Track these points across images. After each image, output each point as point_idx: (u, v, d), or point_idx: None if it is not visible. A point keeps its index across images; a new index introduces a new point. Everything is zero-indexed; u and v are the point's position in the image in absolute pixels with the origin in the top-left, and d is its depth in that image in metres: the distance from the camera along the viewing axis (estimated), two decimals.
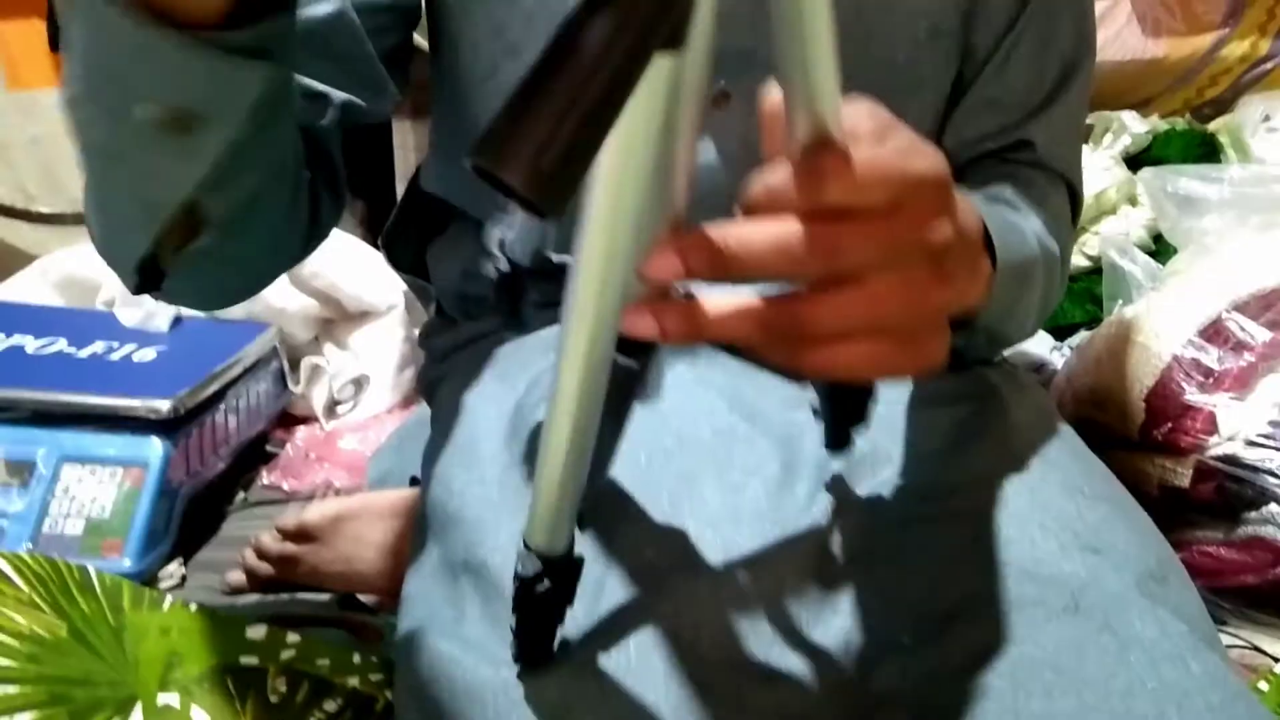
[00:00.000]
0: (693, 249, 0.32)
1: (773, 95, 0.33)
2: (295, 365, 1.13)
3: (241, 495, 0.97)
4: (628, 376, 0.39)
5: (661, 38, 0.24)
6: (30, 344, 0.96)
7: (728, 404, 0.57)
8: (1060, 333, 1.11)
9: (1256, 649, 0.72)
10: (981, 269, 0.41)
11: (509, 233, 0.65)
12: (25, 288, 1.13)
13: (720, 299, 0.34)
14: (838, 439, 0.47)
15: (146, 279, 0.49)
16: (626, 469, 0.51)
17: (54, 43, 1.12)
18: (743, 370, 0.60)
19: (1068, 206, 0.64)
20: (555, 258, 0.63)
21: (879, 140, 0.34)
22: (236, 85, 0.39)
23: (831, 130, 0.31)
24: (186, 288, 0.53)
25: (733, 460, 0.52)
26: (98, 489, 0.83)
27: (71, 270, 1.13)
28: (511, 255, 0.65)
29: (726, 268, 0.32)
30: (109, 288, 1.11)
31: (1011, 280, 0.49)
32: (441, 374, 0.75)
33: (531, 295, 0.66)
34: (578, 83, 0.22)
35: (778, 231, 0.32)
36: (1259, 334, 0.76)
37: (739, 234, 0.32)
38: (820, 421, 0.48)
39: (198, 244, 0.46)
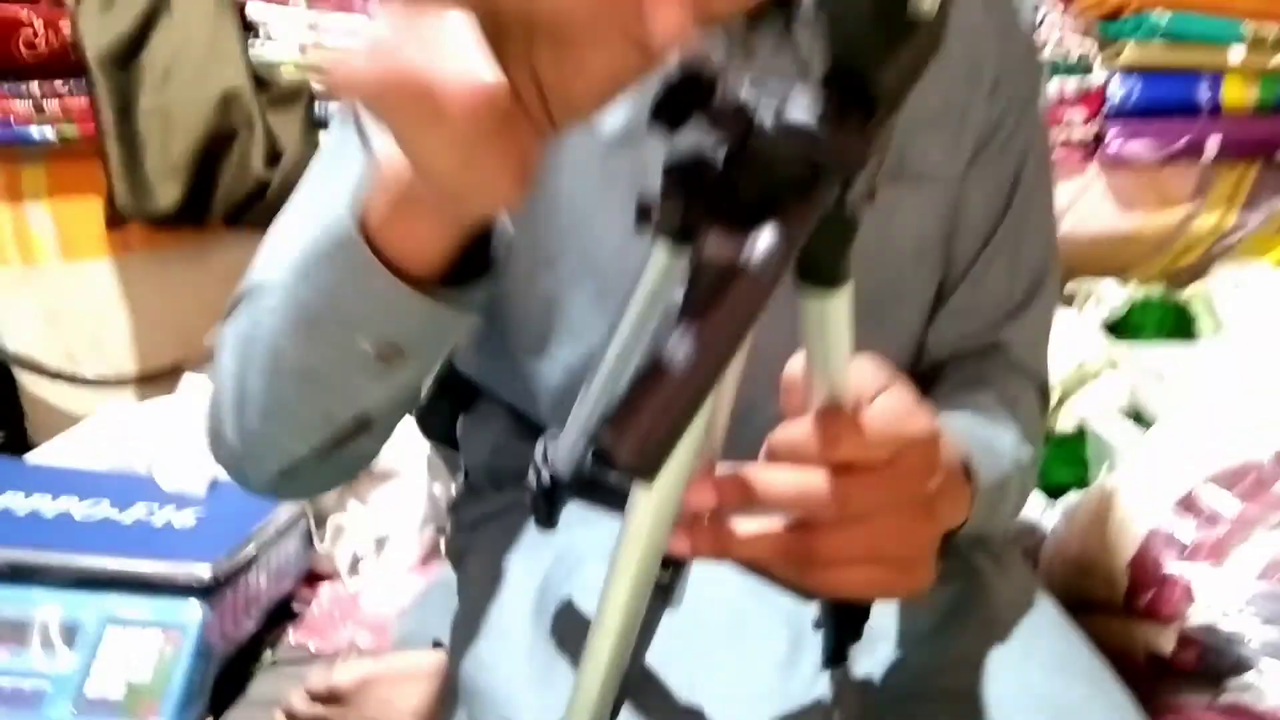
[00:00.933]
0: (727, 486, 0.39)
1: (794, 365, 0.41)
2: (320, 523, 1.18)
3: (269, 654, 1.01)
4: (660, 587, 0.45)
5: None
6: (77, 508, 1.01)
7: (738, 584, 0.62)
8: (1051, 493, 1.17)
9: None
10: (962, 500, 0.48)
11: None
12: (69, 449, 1.19)
13: (746, 525, 0.41)
14: (836, 656, 0.52)
15: (285, 479, 0.54)
16: (656, 644, 0.56)
17: (112, 221, 1.23)
18: None
19: (1037, 405, 0.71)
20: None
21: (882, 397, 0.41)
22: (450, 330, 0.47)
23: (843, 397, 0.38)
24: (311, 484, 0.59)
25: (744, 640, 0.58)
26: (138, 652, 0.87)
27: (113, 433, 1.20)
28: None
29: (753, 503, 0.39)
30: (146, 449, 1.17)
31: (989, 498, 0.55)
32: (469, 544, 0.80)
33: (569, 504, 0.72)
34: (691, 383, 0.28)
35: (798, 480, 0.40)
36: (1231, 506, 0.82)
37: (766, 478, 0.40)
38: (820, 632, 0.54)
39: (354, 447, 0.52)
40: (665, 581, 0.46)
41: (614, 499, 0.49)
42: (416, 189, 0.40)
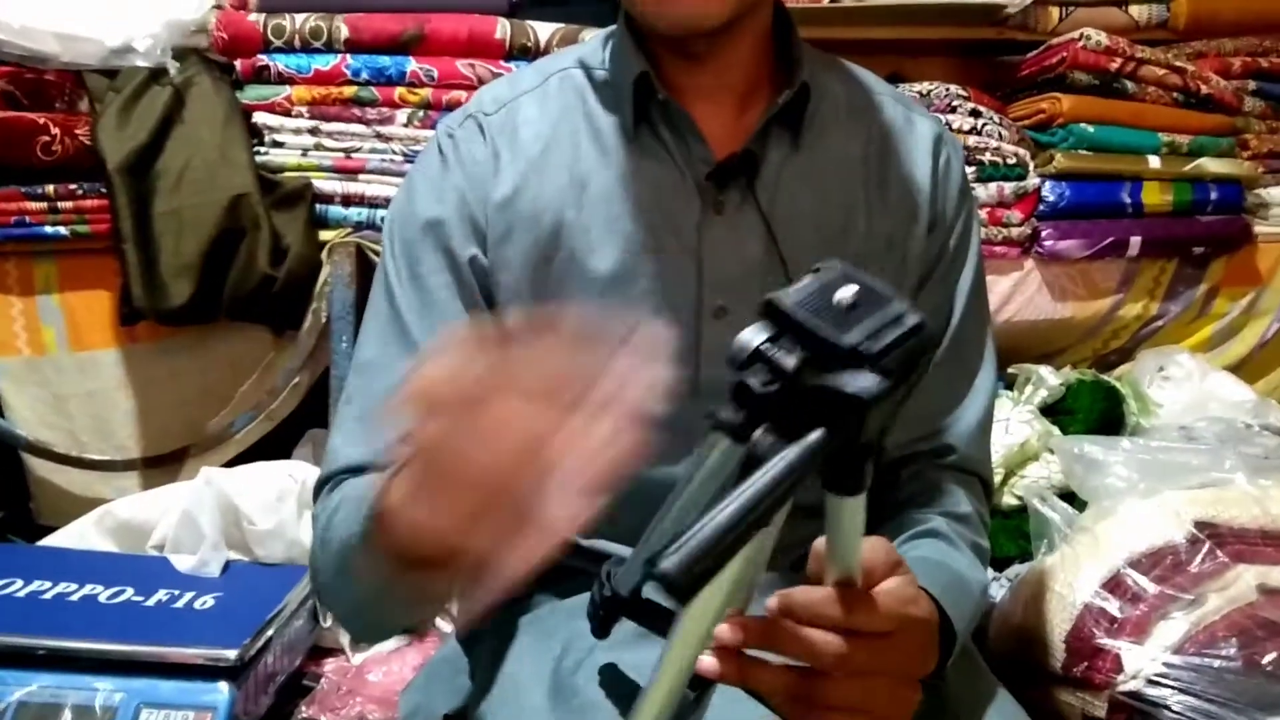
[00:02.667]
0: (754, 626, 0.50)
1: (818, 545, 0.52)
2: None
3: None
4: (686, 704, 0.55)
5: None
6: (102, 593, 1.08)
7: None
8: (997, 564, 1.29)
9: None
10: (933, 657, 0.60)
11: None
12: (82, 533, 1.26)
13: (768, 662, 0.52)
14: None
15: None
16: None
17: (126, 319, 1.32)
18: None
19: (984, 507, 0.83)
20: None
21: (892, 580, 0.53)
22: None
23: (854, 576, 0.49)
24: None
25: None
26: None
27: (125, 517, 1.27)
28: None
29: (772, 647, 0.50)
30: (159, 533, 1.24)
31: (964, 630, 0.67)
32: (482, 629, 0.89)
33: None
34: (733, 530, 0.39)
35: (815, 638, 0.51)
36: (1150, 587, 0.94)
37: (788, 631, 0.50)
38: None
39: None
40: (690, 699, 0.55)
41: (661, 622, 0.60)
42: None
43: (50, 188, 1.36)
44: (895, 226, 0.82)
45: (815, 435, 0.40)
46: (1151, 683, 0.89)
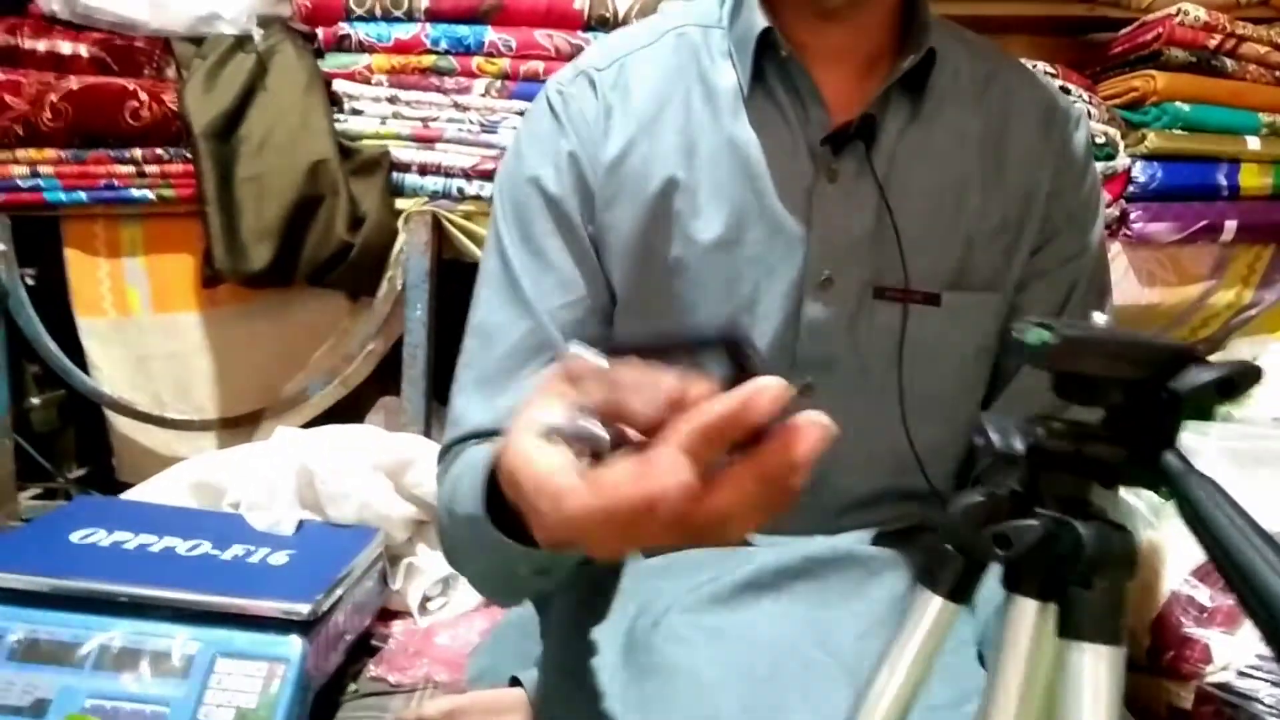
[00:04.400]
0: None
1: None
2: (393, 563, 1.27)
3: (353, 687, 1.10)
4: None
5: None
6: (180, 546, 1.11)
7: (810, 636, 0.71)
8: None
9: None
10: None
11: None
12: (162, 489, 1.29)
13: None
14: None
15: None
16: (735, 694, 0.65)
17: (208, 281, 1.34)
18: (820, 603, 0.74)
19: None
20: None
21: None
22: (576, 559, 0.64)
23: None
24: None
25: (815, 689, 0.66)
26: (246, 681, 0.96)
27: (202, 476, 1.29)
28: None
29: None
30: (234, 492, 1.27)
31: None
32: (554, 590, 0.89)
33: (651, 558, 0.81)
34: None
35: None
36: None
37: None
38: None
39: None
40: None
41: None
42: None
43: (137, 152, 1.40)
44: (1010, 206, 0.80)
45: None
46: (1243, 675, 0.85)
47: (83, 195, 1.41)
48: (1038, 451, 0.44)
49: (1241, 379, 0.40)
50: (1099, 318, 0.44)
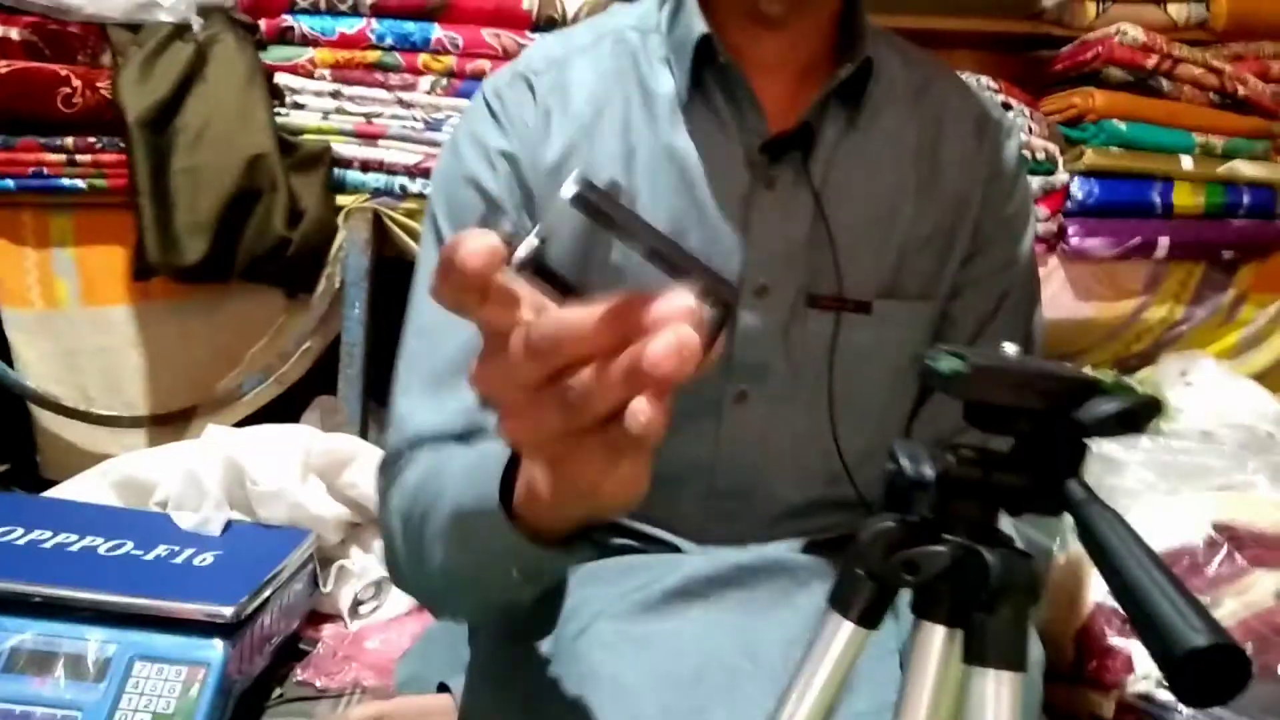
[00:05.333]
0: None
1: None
2: (324, 565, 1.25)
3: (278, 691, 1.08)
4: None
5: None
6: (102, 545, 1.08)
7: (736, 644, 0.70)
8: None
9: None
10: None
11: None
12: (86, 487, 1.25)
13: None
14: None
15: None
16: (656, 698, 0.64)
17: (139, 274, 1.31)
18: (749, 612, 0.74)
19: None
20: None
21: None
22: (569, 564, 0.59)
23: None
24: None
25: (738, 695, 0.66)
26: (163, 686, 0.93)
27: (129, 473, 1.26)
28: None
29: None
30: (162, 490, 1.24)
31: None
32: None
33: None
34: None
35: None
36: None
37: None
38: None
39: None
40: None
41: None
42: (560, 505, 0.48)
43: (69, 140, 1.36)
44: (943, 214, 0.80)
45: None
46: (1162, 685, 0.87)
47: (10, 183, 1.37)
48: (947, 479, 0.45)
49: (1143, 411, 0.41)
50: (1009, 348, 0.45)
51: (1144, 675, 0.88)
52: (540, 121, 0.78)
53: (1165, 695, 0.86)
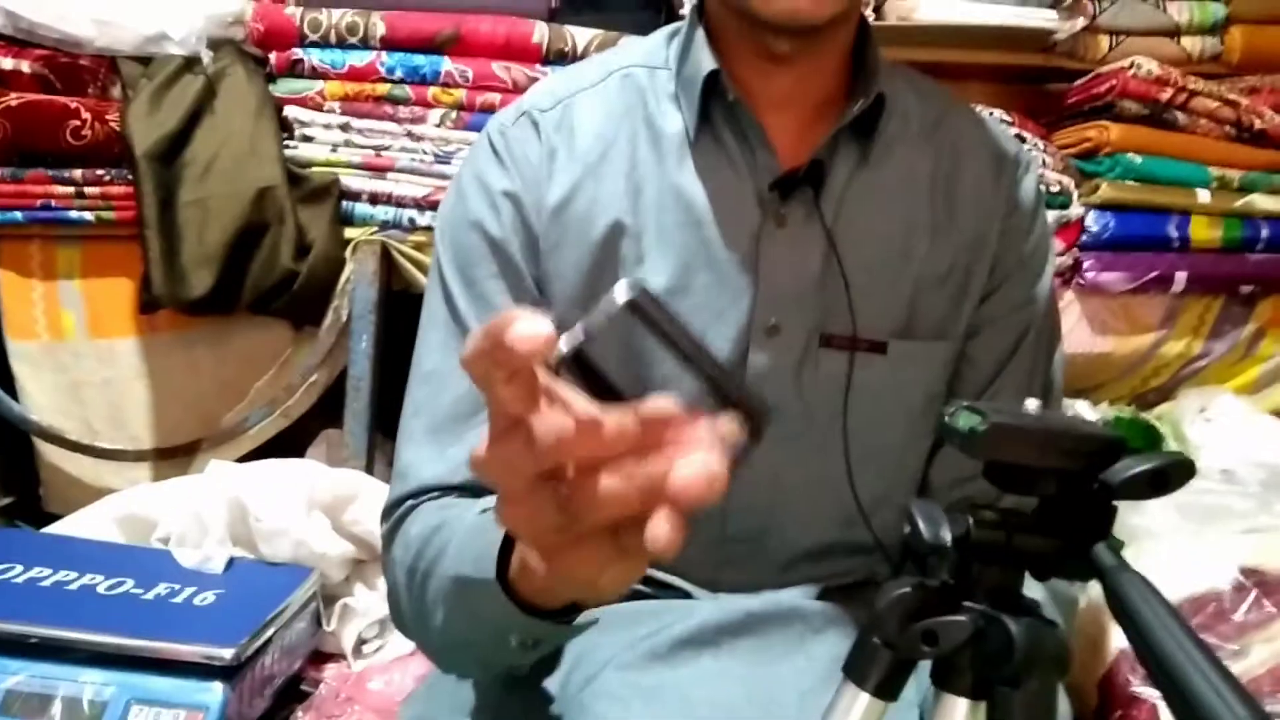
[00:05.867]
0: None
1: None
2: (328, 603, 1.22)
3: None
4: None
5: None
6: (101, 584, 1.06)
7: (747, 695, 0.68)
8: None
9: None
10: None
11: None
12: (88, 522, 1.23)
13: None
14: None
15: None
16: None
17: (145, 307, 1.30)
18: (760, 661, 0.71)
19: None
20: None
21: None
22: (569, 637, 0.60)
23: None
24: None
25: None
26: None
27: (132, 509, 1.24)
28: None
29: None
30: (164, 526, 1.22)
31: None
32: None
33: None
34: None
35: None
36: None
37: None
38: None
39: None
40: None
41: None
42: (553, 590, 0.50)
43: (78, 173, 1.35)
44: (959, 253, 0.78)
45: None
46: None
47: (18, 215, 1.36)
48: (967, 542, 0.42)
49: (1174, 471, 0.39)
50: (1031, 404, 0.43)
51: None
52: (545, 160, 0.77)
53: None
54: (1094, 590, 1.02)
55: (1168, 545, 0.99)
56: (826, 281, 0.75)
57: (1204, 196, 1.50)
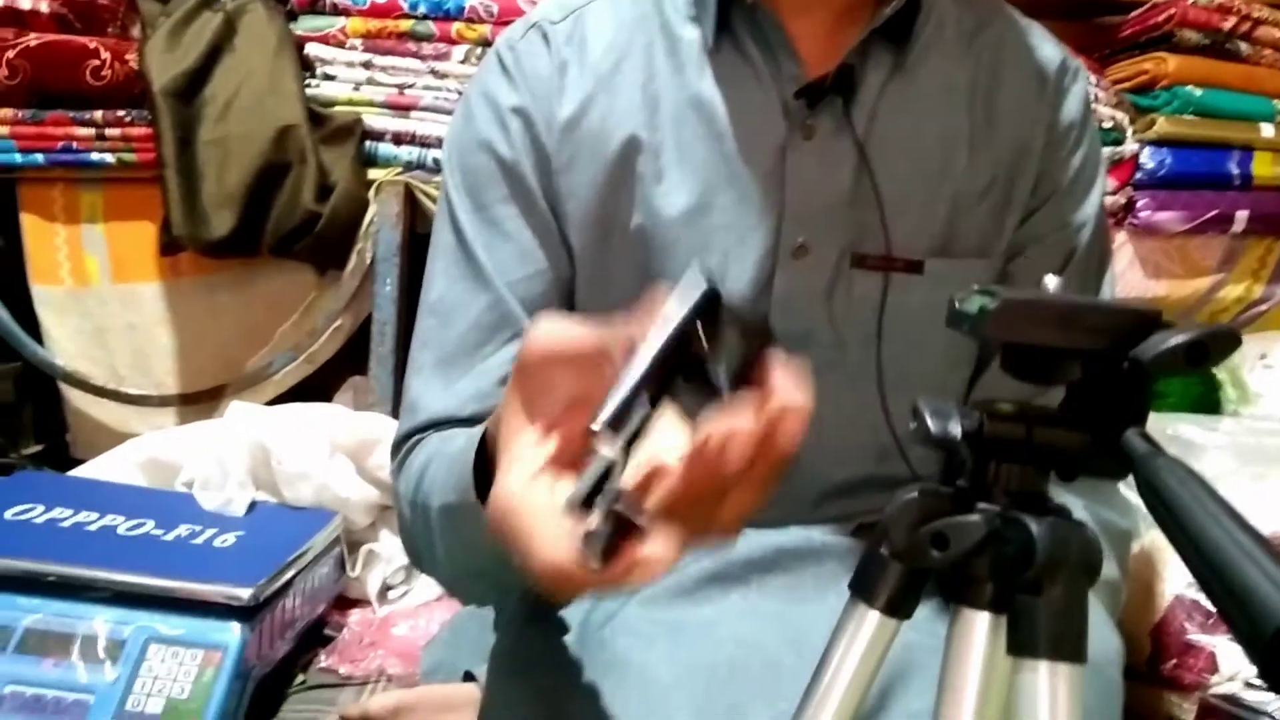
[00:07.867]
0: None
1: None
2: (352, 549, 1.20)
3: (301, 678, 1.03)
4: None
5: None
6: (121, 524, 1.04)
7: (778, 634, 0.64)
8: None
9: None
10: None
11: None
12: (112, 466, 1.22)
13: None
14: None
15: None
16: (690, 696, 0.58)
17: (166, 249, 1.27)
18: (792, 599, 0.68)
19: None
20: None
21: None
22: None
23: None
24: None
25: (779, 691, 0.59)
26: (178, 669, 0.89)
27: (155, 453, 1.22)
28: None
29: None
30: (188, 470, 1.20)
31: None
32: None
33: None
34: None
35: None
36: None
37: None
38: None
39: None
40: None
41: None
42: None
43: (98, 114, 1.33)
44: (1000, 166, 0.73)
45: None
46: (1250, 686, 0.79)
47: (40, 157, 1.35)
48: (980, 438, 0.37)
49: (1214, 342, 0.33)
50: (1050, 280, 0.37)
51: (1230, 675, 0.80)
52: (556, 74, 0.72)
53: (1254, 696, 0.79)
54: (1148, 533, 0.97)
55: (1226, 489, 0.93)
56: (858, 197, 0.70)
57: (1268, 131, 1.42)
